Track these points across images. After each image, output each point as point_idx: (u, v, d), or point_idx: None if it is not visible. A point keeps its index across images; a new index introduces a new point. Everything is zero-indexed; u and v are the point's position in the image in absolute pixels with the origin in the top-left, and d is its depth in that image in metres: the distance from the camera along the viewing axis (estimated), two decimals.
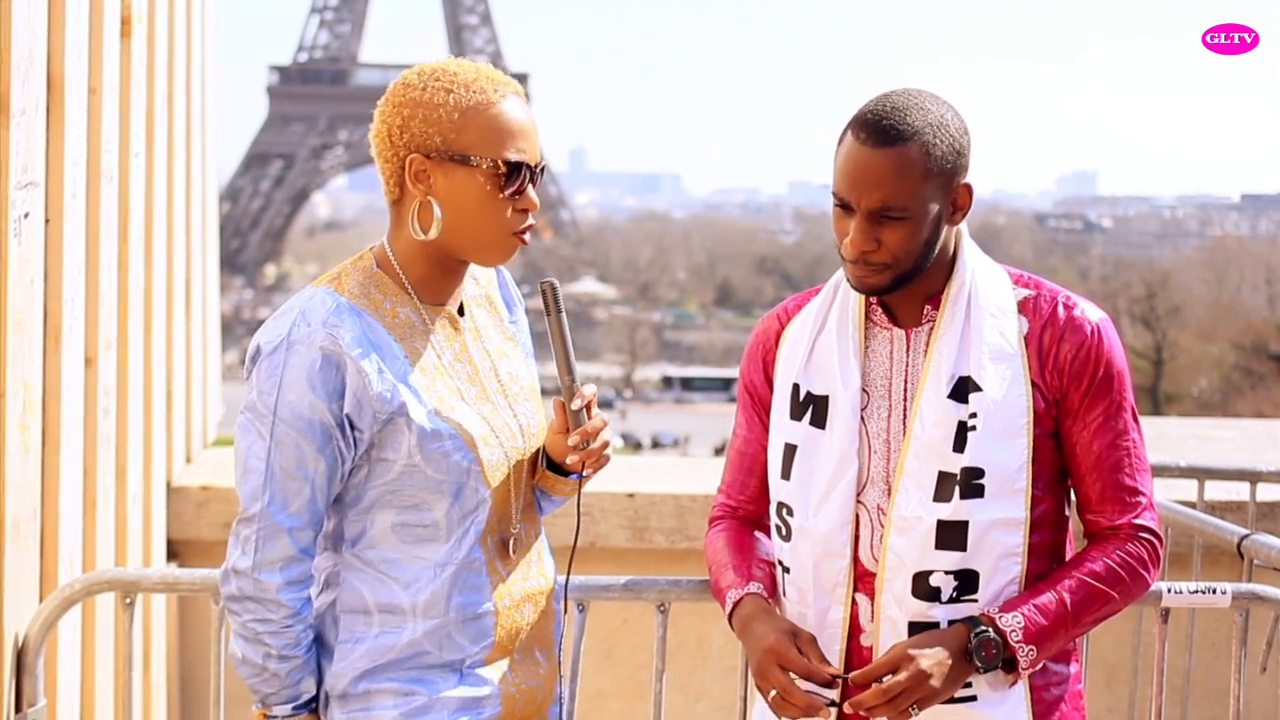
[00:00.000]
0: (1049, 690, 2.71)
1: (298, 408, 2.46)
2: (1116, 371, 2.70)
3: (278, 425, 2.47)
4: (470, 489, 2.56)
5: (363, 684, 2.56)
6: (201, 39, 5.36)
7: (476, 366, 2.63)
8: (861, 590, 2.71)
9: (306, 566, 2.53)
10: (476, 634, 2.60)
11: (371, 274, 2.58)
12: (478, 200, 2.51)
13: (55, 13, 3.61)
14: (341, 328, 2.48)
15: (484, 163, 2.49)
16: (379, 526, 2.56)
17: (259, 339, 2.51)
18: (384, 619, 2.56)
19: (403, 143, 2.51)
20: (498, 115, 2.51)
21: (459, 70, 2.54)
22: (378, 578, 2.56)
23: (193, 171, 5.25)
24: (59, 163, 3.64)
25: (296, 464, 2.48)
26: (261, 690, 2.56)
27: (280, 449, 2.48)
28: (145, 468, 4.57)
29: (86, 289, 3.91)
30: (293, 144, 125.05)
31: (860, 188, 2.58)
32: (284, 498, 2.49)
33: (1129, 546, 2.69)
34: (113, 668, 4.06)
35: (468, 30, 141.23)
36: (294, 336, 2.47)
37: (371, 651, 2.55)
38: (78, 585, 3.32)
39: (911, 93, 2.65)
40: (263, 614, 2.50)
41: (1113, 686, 5.02)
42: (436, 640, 2.57)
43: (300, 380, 2.46)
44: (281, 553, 2.50)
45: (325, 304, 2.51)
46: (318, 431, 2.47)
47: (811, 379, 2.77)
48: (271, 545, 2.49)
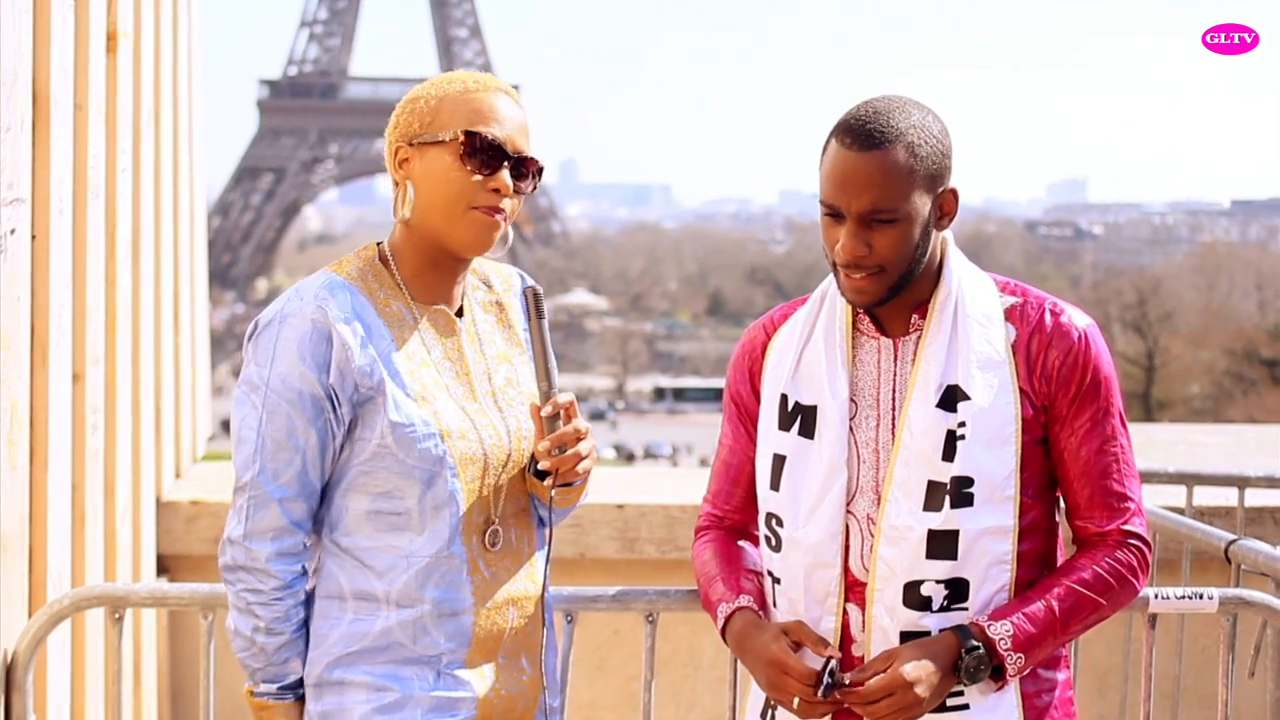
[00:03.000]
0: (1040, 697, 2.72)
1: (289, 379, 2.53)
2: (1104, 377, 2.70)
3: (269, 396, 2.54)
4: (442, 479, 2.59)
5: (336, 672, 2.59)
6: (189, 54, 5.36)
7: (468, 367, 2.67)
8: (852, 600, 2.71)
9: (299, 539, 2.58)
10: (453, 631, 2.62)
11: (372, 264, 2.67)
12: (445, 176, 2.58)
13: (40, 29, 3.61)
14: (331, 301, 2.56)
15: (448, 136, 2.58)
16: (353, 512, 2.60)
17: (258, 317, 2.60)
18: (358, 606, 2.60)
19: (394, 137, 2.64)
20: (472, 98, 2.61)
21: (459, 75, 2.67)
22: (354, 565, 2.60)
23: (180, 186, 5.24)
24: (45, 179, 3.64)
25: (287, 434, 2.54)
26: (250, 665, 2.61)
27: (272, 419, 2.54)
28: (134, 483, 4.57)
29: (74, 305, 3.90)
30: (283, 158, 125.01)
31: (849, 192, 2.59)
32: (274, 468, 2.55)
33: (1117, 553, 2.70)
34: (102, 683, 4.06)
35: (457, 43, 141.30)
36: (287, 310, 2.57)
37: (345, 637, 2.59)
38: (66, 601, 3.31)
39: (892, 98, 2.66)
40: (253, 583, 2.57)
41: (1104, 693, 5.02)
42: (410, 632, 2.59)
43: (291, 352, 2.54)
44: (272, 522, 2.56)
45: (320, 281, 2.61)
46: (308, 403, 2.54)
47: (799, 389, 2.77)
48: (262, 514, 2.55)
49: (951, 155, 2.67)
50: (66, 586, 3.82)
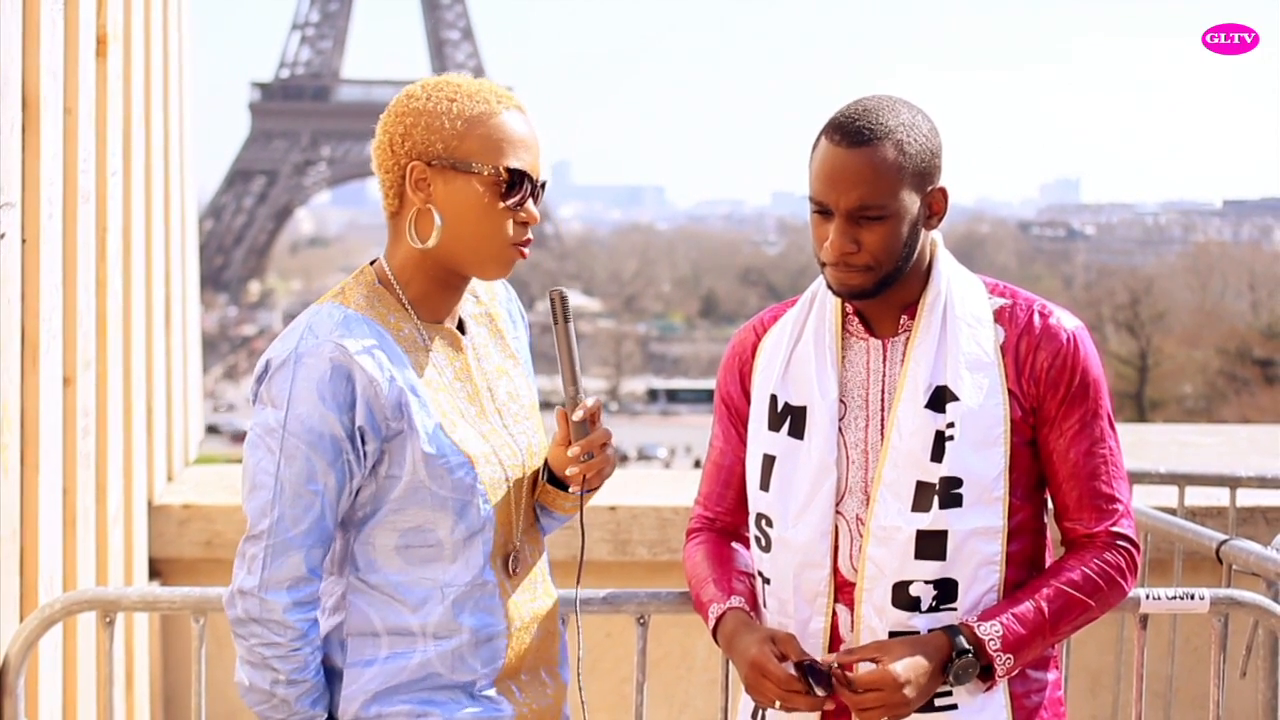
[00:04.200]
0: (1029, 698, 2.72)
1: (308, 420, 2.42)
2: (1093, 379, 2.71)
3: (287, 439, 2.43)
4: (475, 507, 2.52)
5: (374, 707, 2.51)
6: (179, 57, 5.36)
7: (476, 385, 2.60)
8: (841, 601, 2.72)
9: (315, 587, 2.48)
10: (489, 656, 2.57)
11: (374, 289, 2.55)
12: (477, 209, 2.49)
13: (30, 32, 3.61)
14: (349, 337, 2.45)
15: (485, 170, 2.48)
16: (381, 549, 2.52)
17: (267, 356, 2.48)
18: (393, 641, 2.52)
19: (404, 150, 2.50)
20: (500, 124, 2.51)
21: (463, 82, 2.55)
22: (385, 600, 2.52)
23: (171, 189, 5.24)
24: (35, 183, 3.64)
25: (306, 478, 2.44)
26: (271, 717, 2.49)
27: (290, 463, 2.43)
28: (126, 486, 4.56)
29: (64, 309, 3.90)
30: (275, 160, 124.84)
31: (838, 188, 2.60)
32: (294, 514, 2.44)
33: (1106, 555, 2.70)
34: (94, 687, 4.05)
35: (449, 45, 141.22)
36: (301, 349, 2.44)
37: (383, 673, 2.51)
38: (58, 605, 3.31)
39: (882, 97, 2.68)
40: (269, 637, 2.45)
41: (1096, 693, 5.03)
42: (449, 663, 2.53)
43: (310, 393, 2.42)
44: (290, 572, 2.44)
45: (332, 316, 2.49)
46: (328, 445, 2.44)
47: (789, 390, 2.78)
48: (280, 563, 2.44)
49: (941, 155, 2.68)
50: (58, 590, 3.82)
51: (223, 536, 4.97)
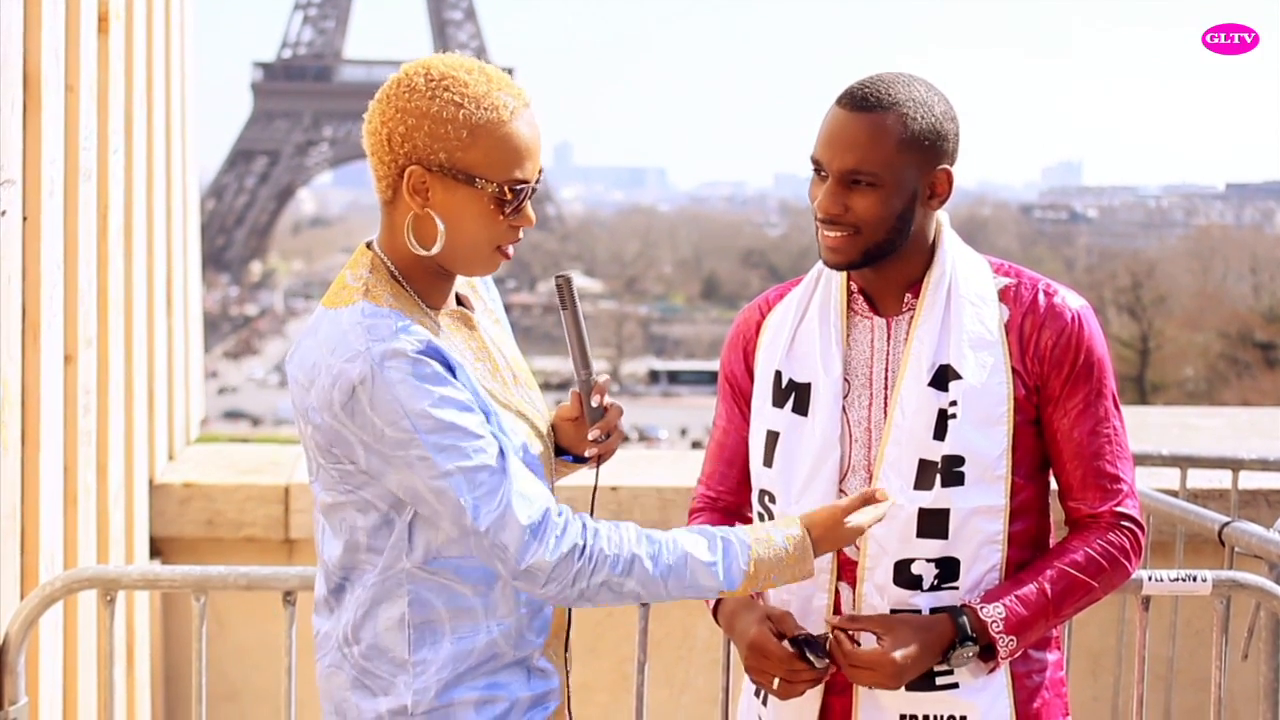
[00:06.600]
0: (1030, 678, 2.72)
1: (436, 413, 2.35)
2: (1097, 359, 2.70)
3: (428, 438, 2.35)
4: None
5: (445, 696, 2.49)
6: (181, 35, 5.35)
7: (495, 361, 2.58)
8: (843, 579, 2.72)
9: (552, 509, 2.41)
10: (540, 626, 2.57)
11: (390, 283, 2.48)
12: (477, 219, 2.43)
13: (31, 10, 3.60)
14: (410, 332, 2.38)
15: (489, 186, 2.41)
16: (445, 532, 2.44)
17: (335, 381, 2.36)
18: (456, 625, 2.49)
19: (403, 151, 2.40)
20: (507, 136, 2.41)
21: (470, 80, 2.42)
22: (445, 585, 2.48)
23: (173, 168, 5.23)
24: (36, 160, 3.63)
25: (474, 450, 2.36)
26: (703, 585, 2.44)
27: (449, 455, 2.35)
28: (127, 465, 4.56)
29: (65, 287, 3.90)
30: (278, 140, 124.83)
31: (833, 149, 2.62)
32: (486, 477, 2.37)
33: (1110, 535, 2.70)
34: (95, 665, 4.06)
35: (452, 25, 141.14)
36: (375, 353, 2.35)
37: (452, 659, 2.48)
38: (58, 583, 3.31)
39: (902, 73, 2.69)
40: (585, 565, 2.39)
41: (1097, 675, 5.03)
42: (512, 640, 2.52)
43: (418, 388, 2.35)
44: (536, 517, 2.38)
45: (379, 313, 2.40)
46: (469, 421, 2.37)
47: (793, 366, 2.78)
48: (522, 506, 2.37)
49: (952, 139, 2.67)
50: (59, 569, 3.82)
51: (223, 515, 4.97)
